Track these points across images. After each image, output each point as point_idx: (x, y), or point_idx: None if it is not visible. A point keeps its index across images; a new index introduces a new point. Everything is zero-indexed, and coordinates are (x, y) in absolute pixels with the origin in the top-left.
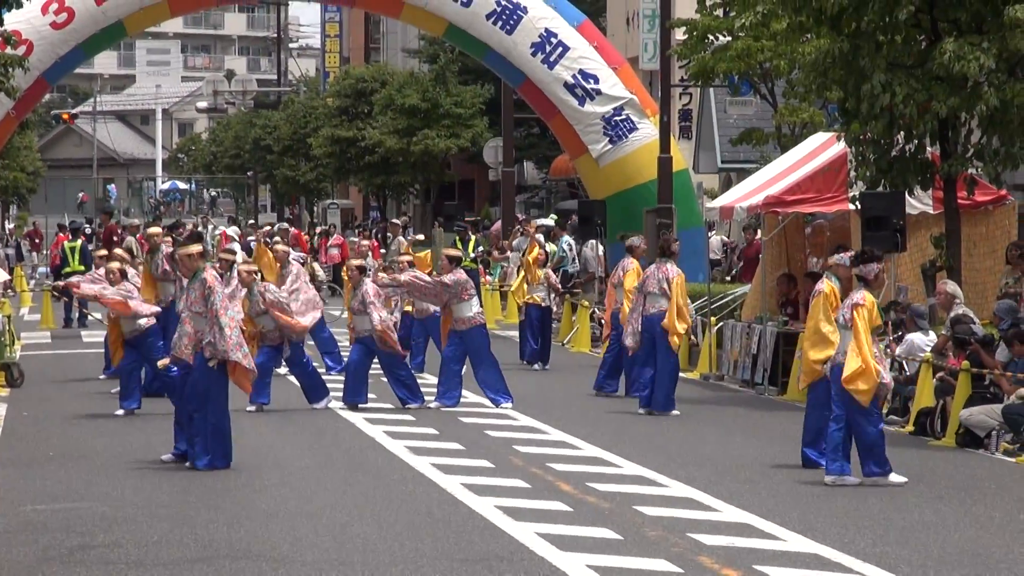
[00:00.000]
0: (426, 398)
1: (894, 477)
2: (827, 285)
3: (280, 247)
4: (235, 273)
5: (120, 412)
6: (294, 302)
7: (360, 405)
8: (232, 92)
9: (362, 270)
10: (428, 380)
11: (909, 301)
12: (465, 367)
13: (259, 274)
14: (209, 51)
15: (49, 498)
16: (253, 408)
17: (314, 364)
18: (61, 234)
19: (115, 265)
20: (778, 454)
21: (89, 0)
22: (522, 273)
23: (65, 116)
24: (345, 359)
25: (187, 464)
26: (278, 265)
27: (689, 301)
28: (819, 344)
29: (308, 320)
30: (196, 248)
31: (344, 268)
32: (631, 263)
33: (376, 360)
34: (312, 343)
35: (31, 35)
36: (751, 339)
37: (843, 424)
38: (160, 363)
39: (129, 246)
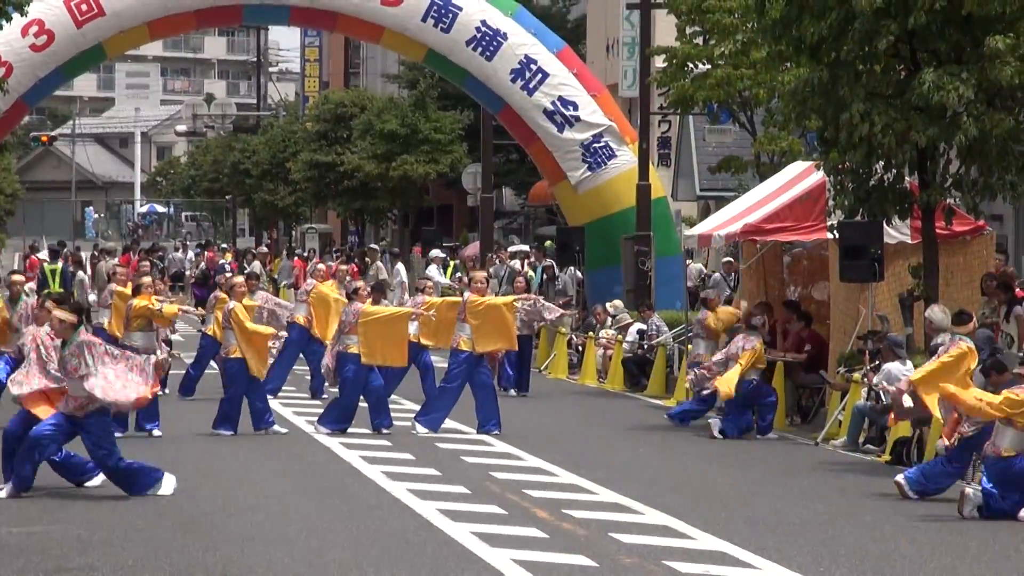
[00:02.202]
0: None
1: None
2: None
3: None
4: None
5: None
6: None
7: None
8: (211, 116)
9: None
10: (403, 404)
11: (888, 330)
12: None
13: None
14: (189, 74)
15: (24, 521)
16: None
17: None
18: (34, 256)
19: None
20: (755, 482)
21: (69, 23)
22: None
23: (44, 138)
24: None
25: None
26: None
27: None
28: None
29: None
30: (71, 317)
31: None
32: (706, 315)
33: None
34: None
35: (10, 57)
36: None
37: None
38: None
39: (112, 270)
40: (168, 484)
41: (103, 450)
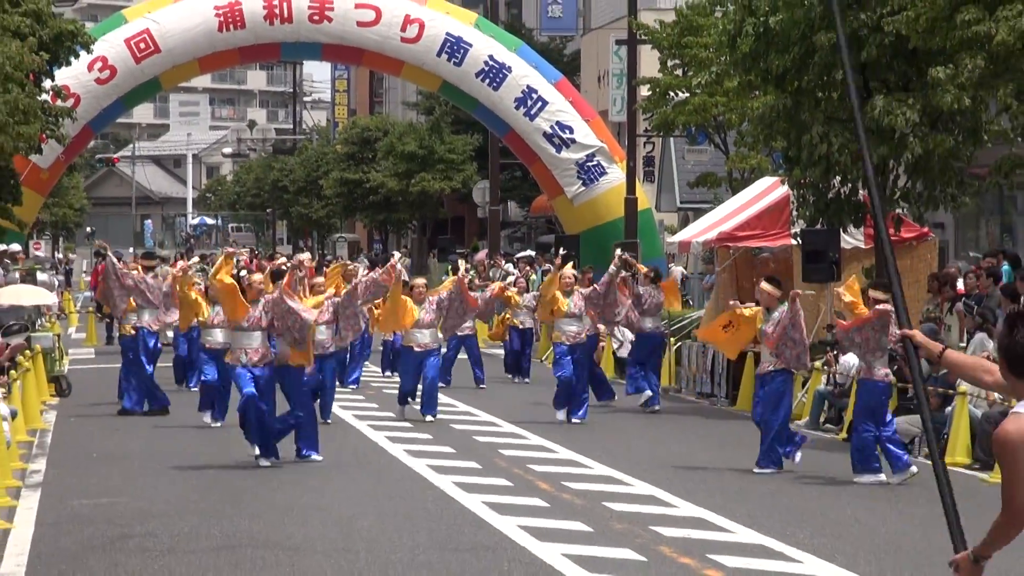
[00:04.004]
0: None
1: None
2: None
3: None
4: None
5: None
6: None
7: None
8: (253, 140)
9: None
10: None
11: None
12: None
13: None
14: (234, 103)
15: (93, 494)
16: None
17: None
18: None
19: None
20: (729, 457)
21: (129, 59)
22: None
23: (115, 159)
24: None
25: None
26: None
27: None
28: None
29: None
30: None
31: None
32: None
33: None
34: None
35: (78, 89)
36: (706, 357)
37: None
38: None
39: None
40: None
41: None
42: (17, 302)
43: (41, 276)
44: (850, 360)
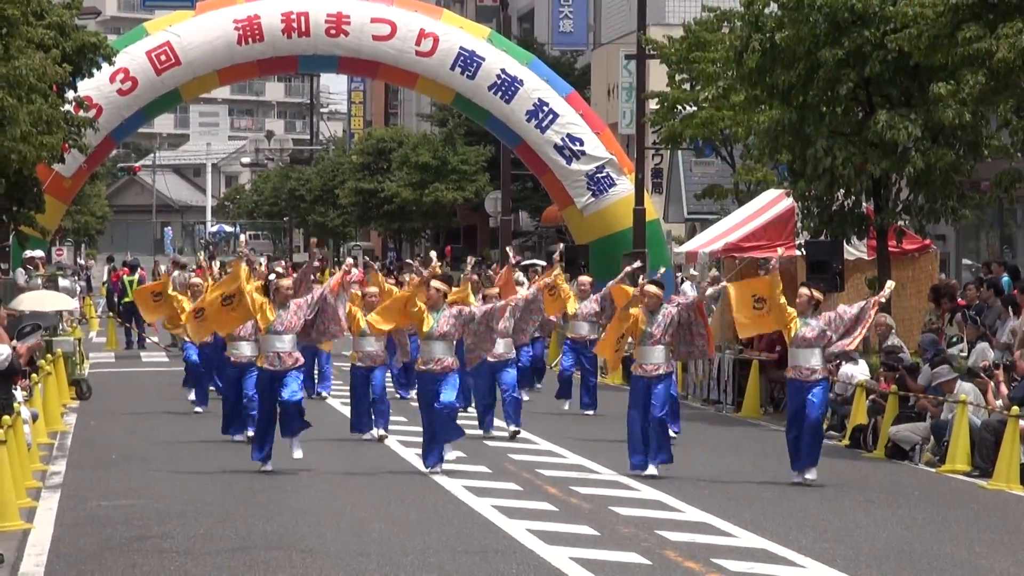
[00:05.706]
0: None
1: None
2: None
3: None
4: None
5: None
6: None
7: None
8: (271, 150)
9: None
10: None
11: None
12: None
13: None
14: (252, 114)
15: (111, 495)
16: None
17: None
18: (125, 268)
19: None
20: (732, 464)
21: (150, 71)
22: None
23: (137, 168)
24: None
25: None
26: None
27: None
28: None
29: None
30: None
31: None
32: None
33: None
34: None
35: (100, 100)
36: (712, 364)
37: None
38: None
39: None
40: None
41: None
42: (40, 307)
43: (63, 282)
44: (850, 369)
